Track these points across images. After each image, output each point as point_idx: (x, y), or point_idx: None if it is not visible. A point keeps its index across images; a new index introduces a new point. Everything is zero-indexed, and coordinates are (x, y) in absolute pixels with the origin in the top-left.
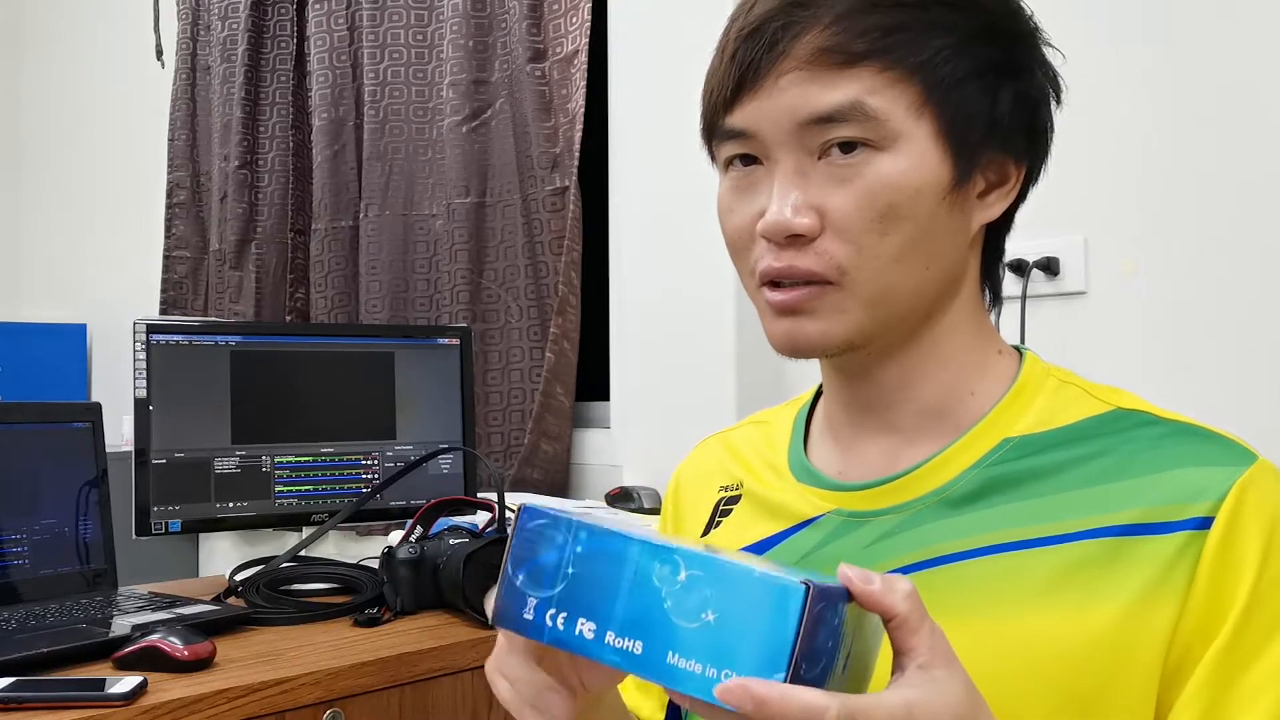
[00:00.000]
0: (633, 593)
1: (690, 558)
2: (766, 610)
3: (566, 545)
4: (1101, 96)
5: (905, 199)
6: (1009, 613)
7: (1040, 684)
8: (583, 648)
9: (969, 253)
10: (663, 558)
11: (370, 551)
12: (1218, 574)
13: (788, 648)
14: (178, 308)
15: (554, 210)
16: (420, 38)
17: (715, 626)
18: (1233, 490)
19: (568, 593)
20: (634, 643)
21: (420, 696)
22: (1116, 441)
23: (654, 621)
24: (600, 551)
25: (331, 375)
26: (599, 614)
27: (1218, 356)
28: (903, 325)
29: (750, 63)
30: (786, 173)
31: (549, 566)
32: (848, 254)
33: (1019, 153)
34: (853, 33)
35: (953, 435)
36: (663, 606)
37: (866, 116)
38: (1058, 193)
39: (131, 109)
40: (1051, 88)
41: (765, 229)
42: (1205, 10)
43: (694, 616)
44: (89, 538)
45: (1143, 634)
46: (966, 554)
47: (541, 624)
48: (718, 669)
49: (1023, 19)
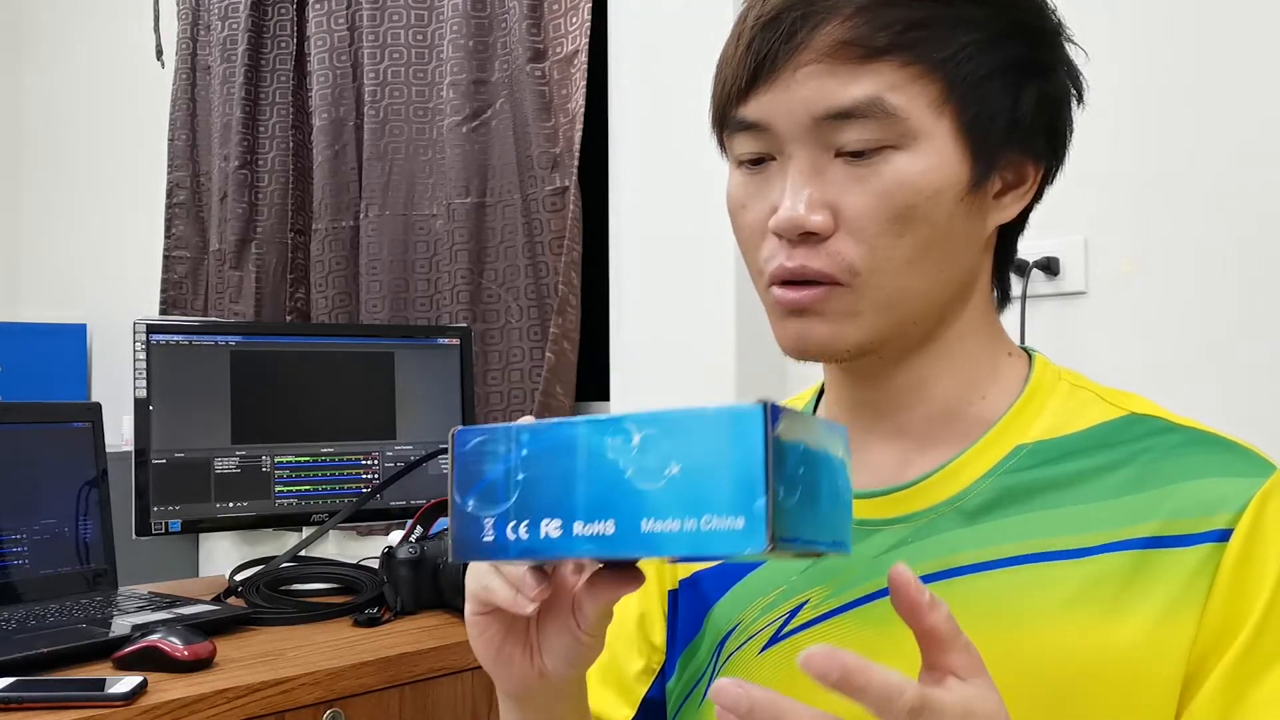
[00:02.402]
0: (590, 475)
1: (640, 420)
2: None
3: (510, 453)
4: (1101, 96)
5: (923, 200)
6: (1029, 626)
7: (1060, 700)
8: (552, 548)
9: (983, 254)
10: (612, 430)
11: (370, 551)
12: (1235, 585)
13: (760, 471)
14: (178, 308)
15: (554, 210)
16: (420, 38)
17: (682, 478)
18: (1252, 502)
19: (523, 500)
20: (604, 524)
21: (420, 696)
22: (1133, 450)
23: (619, 495)
24: (546, 447)
25: (331, 375)
26: (561, 508)
27: (1218, 356)
28: (915, 329)
29: (767, 53)
30: (801, 169)
31: (497, 481)
32: (861, 255)
33: (1038, 153)
34: (874, 26)
35: (964, 440)
36: (624, 477)
37: (886, 113)
38: (1058, 193)
39: (131, 109)
40: (1074, 86)
41: (778, 225)
42: (1206, 10)
43: (658, 476)
44: (89, 538)
45: (1165, 649)
46: (984, 565)
47: (504, 541)
48: (696, 518)
49: (1048, 15)
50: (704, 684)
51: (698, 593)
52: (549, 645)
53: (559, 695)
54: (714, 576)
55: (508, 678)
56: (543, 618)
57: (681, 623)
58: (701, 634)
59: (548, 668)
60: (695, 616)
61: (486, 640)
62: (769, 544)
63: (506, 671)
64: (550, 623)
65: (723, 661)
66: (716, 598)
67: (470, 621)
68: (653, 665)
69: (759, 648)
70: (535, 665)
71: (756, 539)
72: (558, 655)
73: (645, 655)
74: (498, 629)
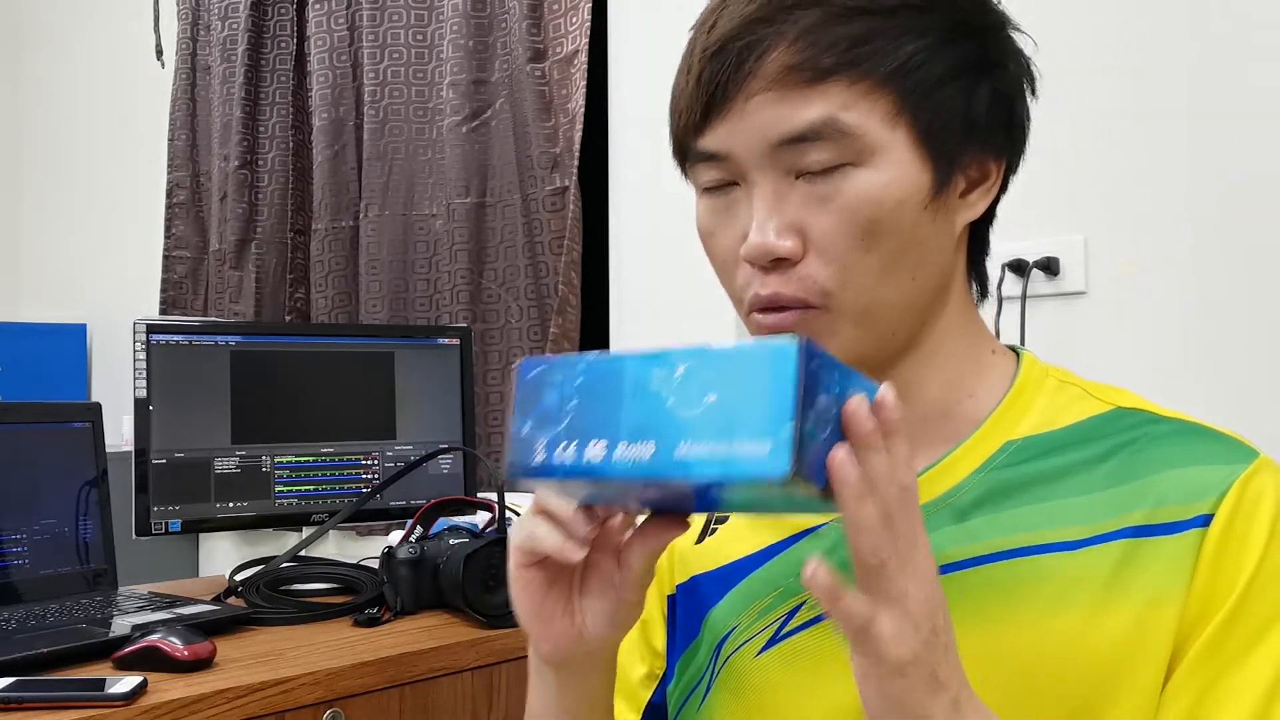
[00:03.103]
0: (635, 400)
1: (684, 353)
2: (765, 373)
3: (566, 382)
4: (1102, 97)
5: (886, 213)
6: (1021, 620)
7: (1055, 689)
8: (593, 470)
9: (955, 254)
10: (659, 361)
11: (370, 551)
12: (1216, 569)
13: (791, 399)
14: (178, 308)
15: (554, 210)
16: (420, 38)
17: (719, 405)
18: (1233, 487)
19: (574, 423)
20: (644, 446)
21: (420, 696)
22: (1119, 443)
23: (660, 420)
24: (599, 376)
25: (331, 375)
26: (607, 431)
27: (1218, 356)
28: (895, 338)
29: (718, 84)
30: (764, 195)
31: (552, 407)
32: (831, 275)
33: (998, 149)
34: (819, 47)
35: (954, 439)
36: (665, 405)
37: (841, 133)
38: (1058, 193)
39: (131, 109)
40: (1026, 79)
41: (748, 254)
42: (1206, 10)
43: (697, 403)
44: (89, 538)
45: (1153, 637)
46: (975, 561)
47: (552, 462)
48: (728, 442)
49: (991, 10)
50: (703, 688)
51: (696, 597)
52: (590, 605)
53: (595, 664)
54: (712, 580)
55: (547, 636)
56: (586, 576)
57: (680, 627)
58: (700, 637)
59: (588, 627)
60: (693, 620)
61: (529, 595)
62: (792, 468)
63: (546, 629)
64: (593, 581)
65: (721, 664)
66: (714, 601)
67: (514, 576)
68: (655, 670)
69: (757, 650)
70: (576, 624)
71: (780, 463)
72: (598, 615)
73: (648, 661)
74: (541, 583)
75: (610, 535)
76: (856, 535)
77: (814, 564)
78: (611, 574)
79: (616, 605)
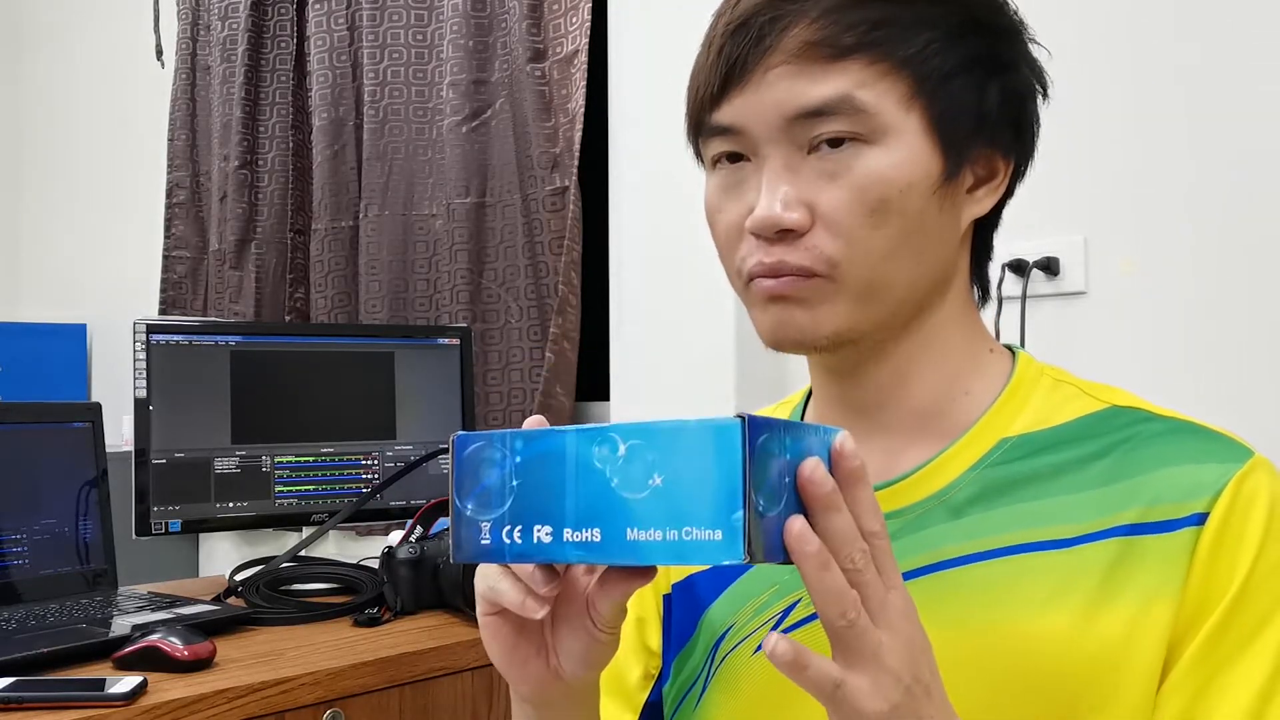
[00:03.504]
0: (579, 483)
1: (625, 430)
2: (709, 455)
3: (505, 460)
4: (1102, 96)
5: (896, 193)
6: (1015, 618)
7: (1046, 689)
8: (544, 553)
9: (959, 250)
10: (599, 439)
11: (370, 551)
12: (1211, 568)
13: (738, 485)
14: (177, 308)
15: (554, 210)
16: (420, 38)
17: (665, 489)
18: (1228, 486)
19: (517, 505)
20: (591, 532)
21: (420, 696)
22: (1114, 440)
23: (606, 504)
24: (539, 455)
25: (331, 375)
26: (552, 515)
27: (1218, 356)
28: (893, 321)
29: (737, 58)
30: (775, 168)
31: (494, 486)
32: (838, 248)
33: (1006, 147)
34: (841, 26)
35: (949, 436)
36: (610, 486)
37: (856, 110)
38: (1058, 193)
39: (131, 109)
40: (1038, 83)
41: (754, 225)
42: (1206, 10)
43: (642, 486)
44: (89, 538)
45: (1148, 636)
46: (970, 558)
47: (500, 544)
48: (678, 529)
49: (1005, 14)
50: (699, 686)
51: (691, 596)
52: (564, 646)
53: (575, 699)
54: (707, 579)
55: (523, 679)
56: (557, 618)
57: (676, 626)
58: (696, 637)
59: (564, 669)
60: (689, 619)
61: (500, 642)
62: (746, 556)
63: (522, 673)
64: (564, 623)
65: (718, 664)
66: (710, 600)
67: (482, 623)
68: (651, 671)
69: (753, 649)
70: (551, 666)
71: (734, 550)
72: (573, 656)
73: (644, 662)
74: (510, 630)
75: (576, 581)
76: (822, 602)
77: (773, 639)
78: (582, 617)
79: (589, 645)
